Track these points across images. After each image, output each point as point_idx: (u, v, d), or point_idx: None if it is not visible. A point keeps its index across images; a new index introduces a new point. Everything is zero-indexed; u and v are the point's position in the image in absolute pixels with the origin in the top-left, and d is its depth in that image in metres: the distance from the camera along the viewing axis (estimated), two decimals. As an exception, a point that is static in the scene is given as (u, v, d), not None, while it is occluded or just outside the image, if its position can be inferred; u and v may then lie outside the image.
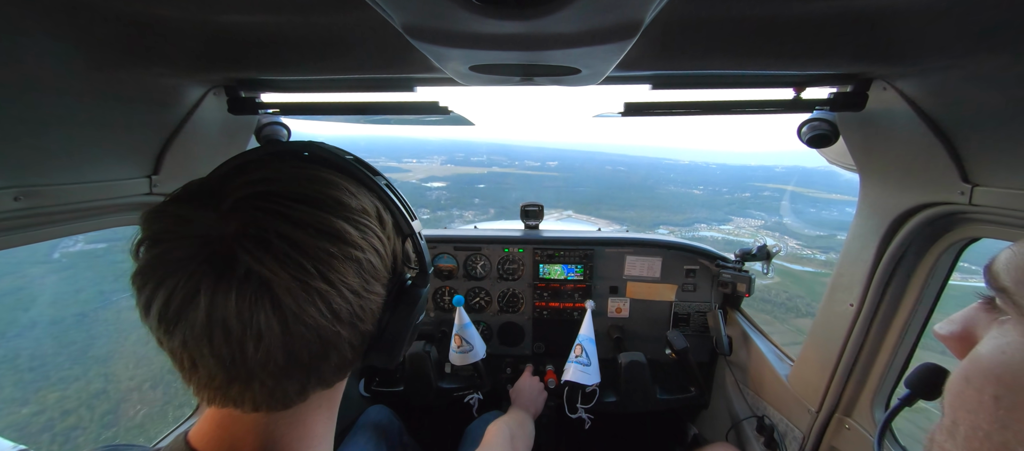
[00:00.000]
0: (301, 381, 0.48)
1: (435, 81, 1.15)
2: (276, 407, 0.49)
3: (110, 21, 0.73)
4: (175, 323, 0.42)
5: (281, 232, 0.42)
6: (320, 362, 0.47)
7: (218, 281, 0.40)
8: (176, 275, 0.41)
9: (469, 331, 1.84)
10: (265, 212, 0.43)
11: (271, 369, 0.44)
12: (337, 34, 0.82)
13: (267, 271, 0.41)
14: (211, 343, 0.42)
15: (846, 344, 1.37)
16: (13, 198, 0.83)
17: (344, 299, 0.46)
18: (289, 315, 0.42)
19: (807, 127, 1.23)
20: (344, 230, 0.46)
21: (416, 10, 0.51)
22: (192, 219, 0.42)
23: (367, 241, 0.49)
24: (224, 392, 0.46)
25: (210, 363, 0.43)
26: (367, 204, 0.52)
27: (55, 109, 0.85)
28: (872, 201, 1.25)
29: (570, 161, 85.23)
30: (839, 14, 0.70)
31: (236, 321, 0.41)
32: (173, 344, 0.43)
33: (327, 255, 0.44)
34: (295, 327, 0.43)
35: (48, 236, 1.00)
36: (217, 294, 0.40)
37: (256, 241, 0.41)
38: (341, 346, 0.48)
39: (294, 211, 0.44)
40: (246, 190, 0.44)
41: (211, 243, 0.41)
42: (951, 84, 0.91)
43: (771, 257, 1.91)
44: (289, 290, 0.42)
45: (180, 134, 1.16)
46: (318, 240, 0.44)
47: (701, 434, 2.33)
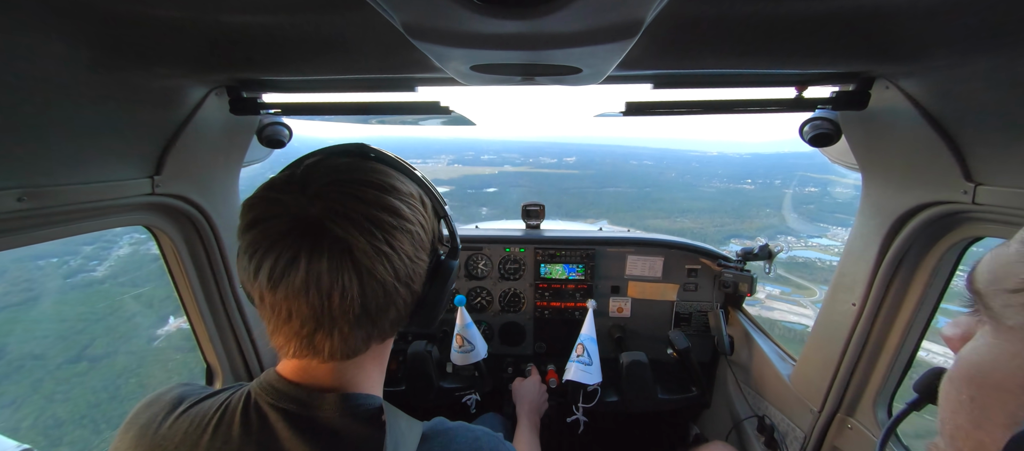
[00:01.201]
0: (367, 331, 0.60)
1: (436, 81, 1.15)
2: (346, 356, 0.62)
3: (113, 22, 0.74)
4: (279, 282, 0.54)
5: (356, 208, 0.56)
6: (383, 315, 0.60)
7: (313, 247, 0.53)
8: (280, 245, 0.53)
9: (470, 331, 1.85)
10: (343, 194, 0.56)
11: (350, 318, 0.57)
12: (338, 34, 0.82)
13: (350, 237, 0.54)
14: (308, 296, 0.54)
15: (848, 343, 1.37)
16: (16, 199, 0.83)
17: (402, 261, 0.59)
18: (364, 272, 0.55)
19: (809, 126, 1.23)
20: (399, 207, 0.60)
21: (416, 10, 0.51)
22: (286, 202, 0.55)
23: (416, 217, 0.62)
24: (309, 340, 0.58)
25: (305, 313, 0.56)
26: (413, 189, 0.65)
27: (58, 110, 0.86)
28: (875, 200, 1.25)
29: (589, 156, 77.21)
30: (841, 13, 0.70)
31: (327, 277, 0.54)
32: (276, 299, 0.56)
33: (390, 226, 0.58)
34: (368, 282, 0.56)
35: (52, 236, 1.01)
36: (313, 257, 0.53)
37: (339, 215, 0.54)
38: (398, 302, 0.61)
39: (364, 193, 0.57)
40: (325, 179, 0.57)
41: (305, 220, 0.54)
42: (954, 83, 0.90)
43: (773, 256, 1.90)
44: (365, 252, 0.55)
45: (182, 134, 1.16)
46: (383, 214, 0.57)
47: (702, 433, 2.33)
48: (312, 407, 0.61)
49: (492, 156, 78.76)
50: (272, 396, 0.62)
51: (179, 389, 0.68)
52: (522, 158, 78.23)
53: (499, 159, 78.97)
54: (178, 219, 1.34)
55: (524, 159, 78.63)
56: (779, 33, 0.79)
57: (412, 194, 0.64)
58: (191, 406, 0.63)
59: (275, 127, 1.45)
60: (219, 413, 0.61)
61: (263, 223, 0.55)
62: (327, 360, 0.61)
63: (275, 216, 0.55)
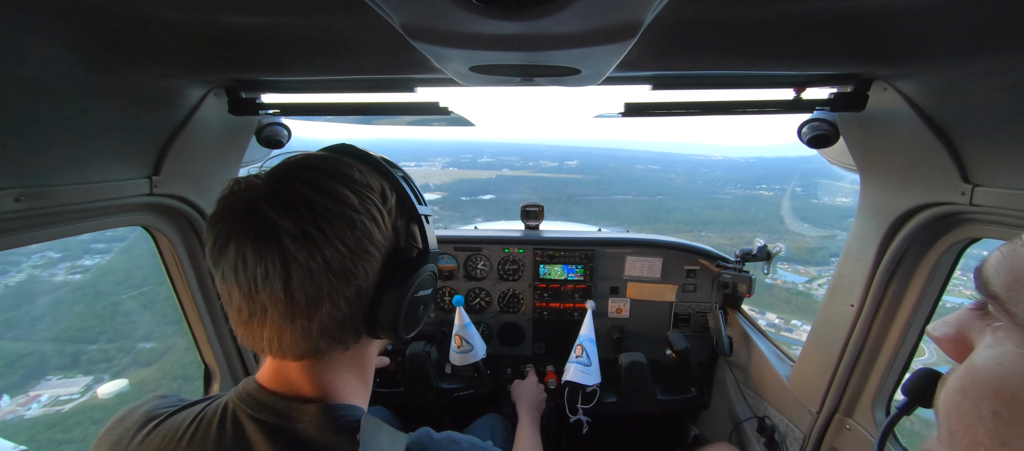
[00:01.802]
0: (304, 327, 0.57)
1: (435, 81, 1.15)
2: (306, 355, 0.60)
3: (111, 22, 0.73)
4: (218, 259, 0.55)
5: (294, 190, 0.54)
6: (314, 308, 0.56)
7: (243, 226, 0.53)
8: (221, 222, 0.54)
9: (469, 331, 1.84)
10: (285, 177, 0.56)
11: (278, 307, 0.55)
12: (337, 35, 0.82)
13: (276, 216, 0.52)
14: (236, 276, 0.54)
15: (847, 344, 1.37)
16: (14, 199, 0.83)
17: (336, 251, 0.55)
18: (289, 255, 0.53)
19: (808, 127, 1.23)
20: (342, 193, 0.56)
21: (416, 10, 0.51)
22: (242, 187, 0.56)
23: (365, 207, 0.58)
24: (248, 326, 0.57)
25: (237, 295, 0.55)
26: (372, 182, 0.62)
27: (56, 110, 0.85)
28: (873, 201, 1.25)
29: (592, 160, 73.13)
30: (839, 15, 0.70)
31: (252, 258, 0.53)
32: (219, 279, 0.56)
33: (325, 210, 0.55)
34: (293, 268, 0.53)
35: (50, 237, 1.00)
36: (242, 236, 0.53)
37: (275, 197, 0.54)
38: (334, 297, 0.56)
39: (306, 176, 0.56)
40: (283, 166, 0.58)
41: (244, 199, 0.54)
42: (951, 84, 0.90)
43: (771, 257, 1.90)
44: (289, 233, 0.52)
45: (181, 135, 1.16)
46: (320, 197, 0.55)
47: (702, 435, 2.33)
48: (291, 419, 0.59)
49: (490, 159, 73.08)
50: (250, 406, 0.60)
51: (153, 402, 0.66)
52: (521, 161, 73.89)
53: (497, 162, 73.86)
54: (176, 220, 1.34)
55: (524, 162, 72.54)
56: (777, 35, 0.79)
57: (369, 186, 0.60)
58: (164, 419, 0.62)
59: (274, 128, 1.45)
60: (194, 426, 0.60)
61: (221, 201, 0.56)
62: (292, 360, 0.60)
63: (230, 193, 0.56)
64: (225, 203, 0.55)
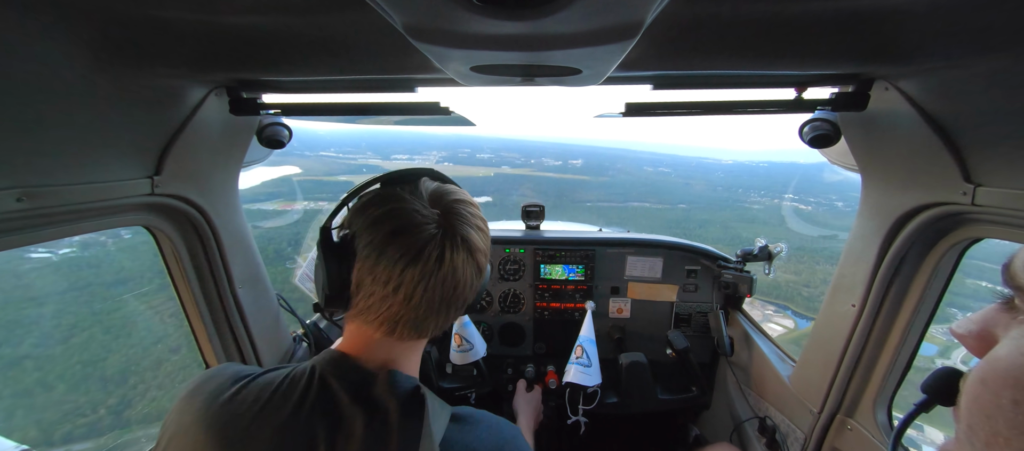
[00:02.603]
0: (436, 321, 0.75)
1: (436, 81, 1.15)
2: (420, 336, 0.76)
3: (113, 22, 0.74)
4: (428, 274, 0.68)
5: (468, 219, 0.74)
6: (449, 308, 0.75)
7: (453, 245, 0.70)
8: (431, 244, 0.68)
9: (468, 330, 1.85)
10: (461, 210, 0.74)
11: (458, 303, 0.75)
12: (338, 35, 0.82)
13: (470, 236, 0.73)
14: (444, 286, 0.70)
15: (848, 345, 1.37)
16: (16, 199, 0.83)
17: (487, 257, 0.80)
18: (475, 263, 0.74)
19: (809, 127, 1.23)
20: (483, 218, 0.79)
21: (417, 10, 0.51)
22: (425, 214, 0.70)
23: (487, 227, 0.80)
24: (411, 318, 0.71)
25: (434, 298, 0.70)
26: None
27: (57, 110, 0.86)
28: (874, 201, 1.25)
29: (597, 160, 68.29)
30: (841, 14, 0.70)
31: (461, 267, 0.71)
32: (410, 288, 0.68)
33: (483, 231, 0.77)
34: (474, 275, 0.75)
35: (51, 237, 1.00)
36: (454, 252, 0.70)
37: (461, 219, 0.73)
38: (460, 305, 0.77)
39: (468, 209, 0.76)
40: (445, 199, 0.74)
41: (443, 227, 0.70)
42: (953, 84, 0.90)
43: (773, 258, 1.90)
44: (478, 248, 0.75)
45: (182, 135, 1.16)
46: (480, 221, 0.78)
47: (702, 435, 2.33)
48: (367, 382, 0.71)
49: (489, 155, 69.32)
50: (335, 369, 0.71)
51: (233, 367, 0.75)
52: (523, 159, 69.59)
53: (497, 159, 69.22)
54: (178, 219, 1.34)
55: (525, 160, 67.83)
56: (778, 34, 0.79)
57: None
58: (254, 378, 0.71)
59: (275, 127, 1.45)
60: (286, 382, 0.69)
61: (414, 231, 0.68)
62: (397, 337, 0.74)
63: (422, 225, 0.68)
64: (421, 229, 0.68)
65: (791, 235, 16.54)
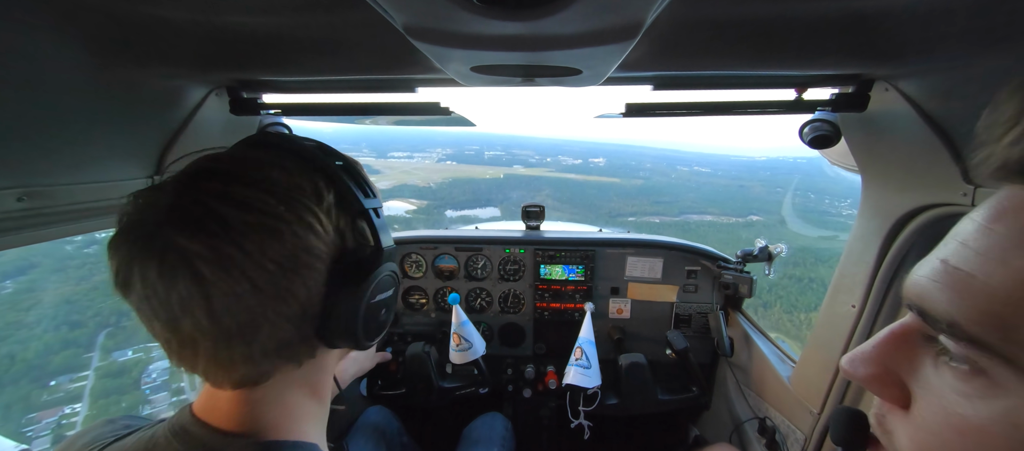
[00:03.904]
0: (244, 352, 0.49)
1: (436, 81, 1.15)
2: (243, 383, 0.52)
3: (113, 22, 0.74)
4: (125, 290, 0.47)
5: (199, 202, 0.46)
6: (253, 334, 0.48)
7: (144, 254, 0.45)
8: (120, 249, 0.46)
9: (467, 329, 1.84)
10: (190, 187, 0.47)
11: (207, 337, 0.47)
12: (338, 35, 0.82)
13: (182, 241, 0.44)
14: (152, 308, 0.46)
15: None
16: (16, 198, 0.83)
17: (264, 269, 0.47)
18: (206, 283, 0.45)
19: (809, 128, 1.23)
20: (263, 200, 0.48)
21: (417, 11, 0.51)
22: (141, 199, 0.48)
23: (293, 212, 0.49)
24: (180, 356, 0.49)
25: (157, 327, 0.47)
26: (303, 181, 0.53)
27: (58, 110, 0.86)
28: (874, 202, 1.25)
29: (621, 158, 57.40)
30: (841, 15, 0.70)
31: (161, 289, 0.44)
32: (135, 311, 0.48)
33: (243, 224, 0.46)
34: (215, 294, 0.45)
35: (51, 236, 1.01)
36: (145, 267, 0.45)
37: (177, 213, 0.45)
38: (274, 320, 0.49)
39: (215, 185, 0.47)
40: (183, 173, 0.49)
41: (146, 221, 0.46)
42: (953, 85, 0.90)
43: (773, 258, 1.90)
44: (203, 258, 0.44)
45: (182, 135, 1.16)
46: (233, 209, 0.46)
47: (702, 435, 2.33)
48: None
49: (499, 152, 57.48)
50: (181, 441, 0.53)
51: (96, 429, 0.60)
52: (537, 157, 58.76)
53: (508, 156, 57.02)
54: None
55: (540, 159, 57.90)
56: (778, 35, 0.79)
57: (298, 186, 0.51)
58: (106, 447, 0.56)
59: (275, 128, 1.45)
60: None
61: (119, 222, 0.47)
62: (230, 387, 0.52)
63: (127, 212, 0.47)
64: (124, 224, 0.47)
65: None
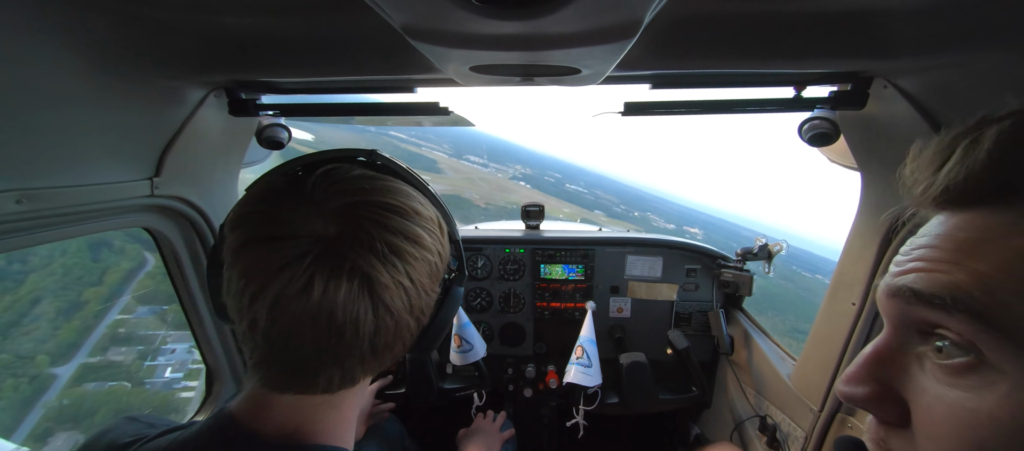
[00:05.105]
0: (367, 366, 0.55)
1: (435, 82, 1.15)
2: (340, 387, 0.55)
3: (111, 23, 0.74)
4: (286, 309, 0.48)
5: (379, 236, 0.51)
6: (389, 350, 0.55)
7: (330, 274, 0.48)
8: (292, 268, 0.47)
9: (468, 330, 1.84)
10: (364, 219, 0.51)
11: (356, 352, 0.51)
12: (337, 35, 0.82)
13: (370, 268, 0.49)
14: (316, 326, 0.48)
15: (848, 343, 1.37)
16: (15, 201, 0.83)
17: (418, 293, 0.55)
18: (380, 305, 0.50)
19: (808, 126, 1.23)
20: (421, 236, 0.55)
21: (415, 11, 0.51)
22: (296, 223, 0.49)
23: (434, 245, 0.57)
24: (303, 374, 0.52)
25: (307, 344, 0.49)
26: (432, 213, 0.60)
27: (56, 112, 0.86)
28: (873, 199, 1.25)
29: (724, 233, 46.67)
30: (839, 12, 0.70)
31: (342, 308, 0.48)
32: (275, 327, 0.49)
33: (411, 256, 0.53)
34: (383, 315, 0.51)
35: (50, 239, 1.00)
36: (329, 284, 0.47)
37: (360, 242, 0.50)
38: (406, 335, 0.56)
39: (386, 219, 0.52)
40: (343, 198, 0.52)
41: (321, 242, 0.48)
42: (952, 82, 0.90)
43: (772, 256, 1.90)
44: (384, 285, 0.50)
45: (181, 136, 1.16)
46: (405, 243, 0.53)
47: (703, 434, 2.33)
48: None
49: (582, 190, 50.55)
50: (221, 442, 0.54)
51: (118, 428, 0.60)
52: (623, 208, 51.12)
53: (592, 199, 52.12)
54: (177, 221, 1.34)
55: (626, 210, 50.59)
56: (777, 32, 0.79)
57: (432, 218, 0.59)
58: (131, 445, 0.57)
59: (274, 129, 1.45)
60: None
61: (270, 243, 0.48)
62: (304, 393, 0.55)
63: (285, 237, 0.48)
64: (281, 243, 0.48)
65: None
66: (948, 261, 0.33)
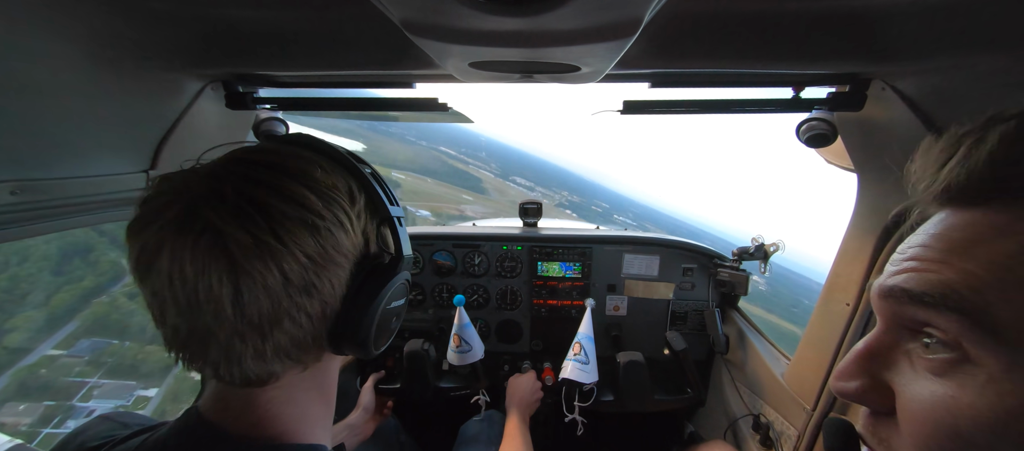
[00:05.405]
0: (256, 346, 0.48)
1: (435, 77, 1.15)
2: (251, 381, 0.51)
3: (107, 15, 0.73)
4: (146, 273, 0.46)
5: (240, 190, 0.46)
6: (272, 327, 0.48)
7: (178, 234, 0.44)
8: (148, 229, 0.45)
9: (468, 331, 1.84)
10: (231, 174, 0.47)
11: (224, 325, 0.46)
12: (335, 29, 0.81)
13: (220, 223, 0.44)
14: (172, 293, 0.45)
15: (842, 343, 1.38)
16: (10, 192, 0.83)
17: (297, 262, 0.48)
18: (239, 269, 0.45)
19: (805, 126, 1.24)
20: (304, 195, 0.49)
21: (415, 6, 0.51)
22: (176, 181, 0.47)
23: (330, 211, 0.51)
24: (185, 347, 0.49)
25: (172, 312, 0.46)
26: (338, 181, 0.54)
27: (51, 103, 0.85)
28: (870, 201, 1.26)
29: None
30: (838, 13, 0.70)
31: (191, 270, 0.44)
32: (146, 294, 0.47)
33: (281, 215, 0.47)
34: (244, 282, 0.45)
35: (45, 230, 1.00)
36: (178, 247, 0.44)
37: (218, 197, 0.45)
38: (295, 314, 0.49)
39: (258, 174, 0.48)
40: (224, 160, 0.50)
41: (179, 202, 0.45)
42: (950, 84, 0.91)
43: (768, 256, 1.91)
44: (240, 243, 0.44)
45: (177, 129, 1.15)
46: (275, 200, 0.47)
47: (697, 432, 2.35)
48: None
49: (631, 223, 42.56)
50: (190, 445, 0.52)
51: (93, 428, 0.59)
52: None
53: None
54: None
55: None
56: (776, 33, 0.79)
57: (335, 186, 0.53)
58: (102, 447, 0.55)
59: (272, 122, 1.44)
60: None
61: (145, 204, 0.46)
62: (240, 385, 0.51)
63: (157, 194, 0.46)
64: (152, 205, 0.46)
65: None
66: (939, 260, 0.34)
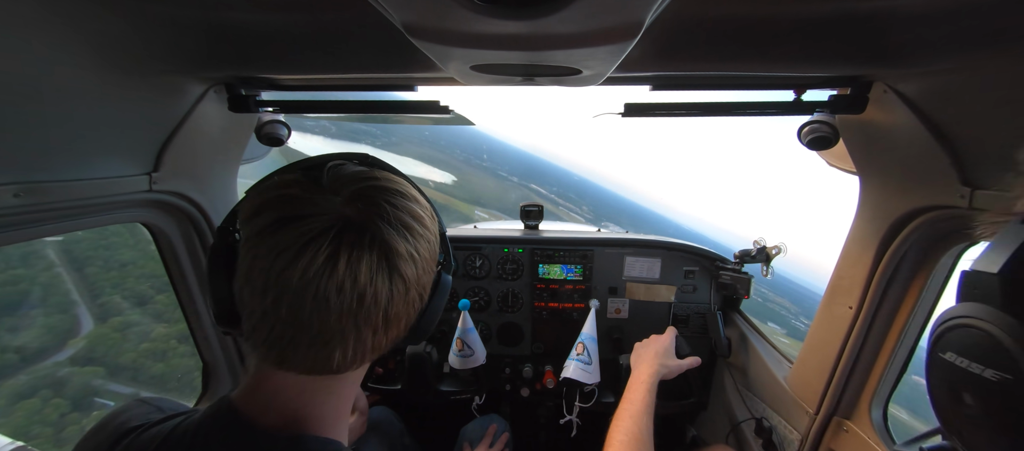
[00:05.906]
0: (374, 341, 0.58)
1: (436, 80, 1.15)
2: (322, 369, 0.57)
3: (111, 18, 0.73)
4: (311, 282, 0.51)
5: (392, 212, 0.57)
6: (396, 324, 0.59)
7: (354, 246, 0.53)
8: (318, 241, 0.51)
9: (471, 336, 1.83)
10: (377, 198, 0.57)
11: (371, 322, 0.55)
12: (337, 32, 0.82)
13: (389, 237, 0.55)
14: (341, 295, 0.52)
15: (845, 346, 1.37)
16: (13, 194, 0.83)
17: (423, 268, 0.61)
18: (396, 274, 0.56)
19: (807, 129, 1.23)
20: (421, 216, 0.62)
21: (417, 9, 0.51)
22: (320, 202, 0.54)
23: (432, 227, 0.65)
24: (314, 349, 0.55)
25: (328, 316, 0.53)
26: (425, 201, 0.67)
27: (55, 106, 0.85)
28: (872, 204, 1.25)
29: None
30: (840, 16, 0.70)
31: (364, 276, 0.53)
32: (296, 300, 0.52)
33: (417, 232, 0.59)
34: (397, 284, 0.56)
35: (48, 233, 1.00)
36: (353, 254, 0.52)
37: (378, 216, 0.55)
38: (410, 311, 0.61)
39: (394, 199, 0.59)
40: (355, 185, 0.58)
41: (343, 218, 0.53)
42: (952, 87, 0.91)
43: (770, 259, 1.90)
44: (399, 254, 0.56)
45: (180, 131, 1.16)
46: (411, 220, 0.59)
47: (699, 436, 2.33)
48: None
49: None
50: (220, 432, 0.57)
51: (130, 410, 0.63)
52: None
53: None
54: (176, 216, 1.34)
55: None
56: (777, 36, 0.79)
57: (426, 205, 0.66)
58: (138, 434, 0.59)
59: (274, 125, 1.45)
60: (173, 439, 0.57)
61: (298, 221, 0.52)
62: (309, 373, 0.58)
63: (312, 215, 0.52)
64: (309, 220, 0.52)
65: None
66: None
